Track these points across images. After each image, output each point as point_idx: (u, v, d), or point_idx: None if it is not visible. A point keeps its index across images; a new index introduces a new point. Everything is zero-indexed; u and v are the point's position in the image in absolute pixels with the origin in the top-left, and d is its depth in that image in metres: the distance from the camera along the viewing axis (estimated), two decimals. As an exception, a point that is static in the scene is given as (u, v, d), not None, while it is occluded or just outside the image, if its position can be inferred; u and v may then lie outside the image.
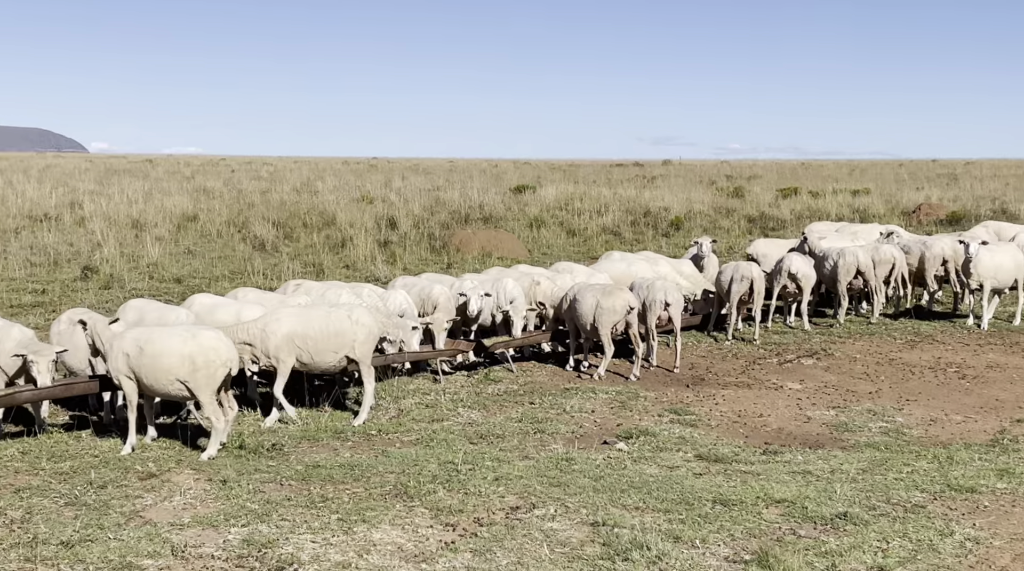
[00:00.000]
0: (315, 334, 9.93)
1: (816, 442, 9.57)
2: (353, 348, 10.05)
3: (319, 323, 10.00)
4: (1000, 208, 31.26)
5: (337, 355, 10.04)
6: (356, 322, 10.10)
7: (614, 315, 12.08)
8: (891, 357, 13.31)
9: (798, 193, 37.81)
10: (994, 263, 14.78)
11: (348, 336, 10.03)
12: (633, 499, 7.67)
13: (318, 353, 9.95)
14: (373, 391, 10.24)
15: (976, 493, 7.81)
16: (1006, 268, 14.89)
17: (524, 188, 40.07)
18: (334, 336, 9.99)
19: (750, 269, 14.27)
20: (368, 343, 10.18)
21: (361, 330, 10.09)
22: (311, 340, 9.92)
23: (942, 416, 10.45)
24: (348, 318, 10.10)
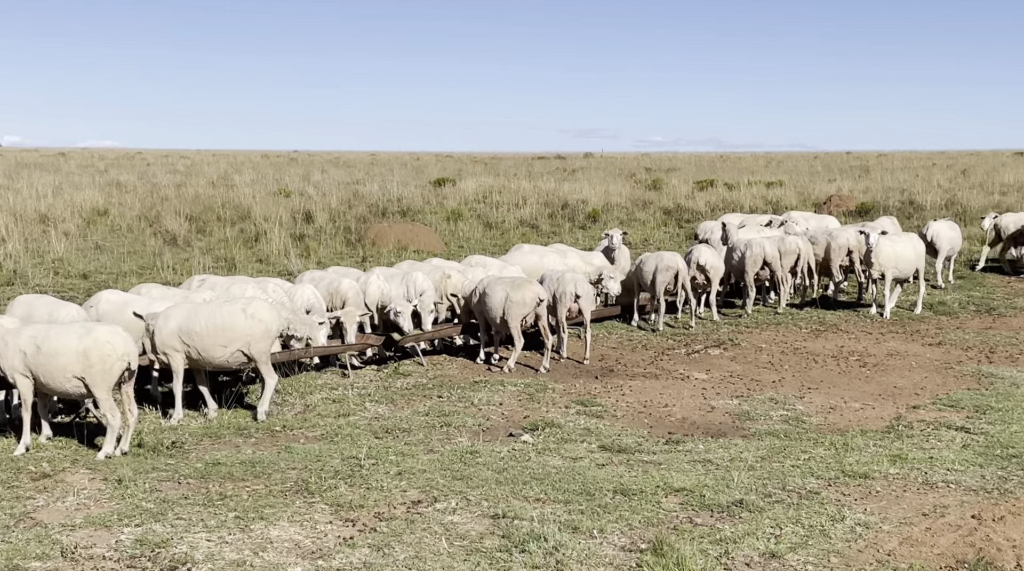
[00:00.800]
0: (201, 329, 9.73)
1: (719, 431, 9.70)
2: (248, 344, 9.83)
3: (206, 318, 9.78)
4: (908, 199, 32.00)
5: (227, 349, 9.82)
6: (251, 317, 9.86)
7: (523, 308, 12.12)
8: (796, 346, 13.56)
9: (714, 185, 38.30)
10: (895, 253, 15.13)
11: (239, 331, 9.80)
12: (535, 491, 7.71)
13: (206, 349, 9.75)
14: (273, 388, 10.08)
15: (869, 479, 7.98)
16: (906, 258, 15.24)
17: (444, 181, 40.00)
18: (222, 331, 9.77)
19: (675, 259, 14.44)
20: (264, 340, 9.93)
21: (257, 326, 9.86)
22: (197, 335, 9.72)
23: (841, 404, 10.67)
24: (242, 313, 9.87)
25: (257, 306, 10.04)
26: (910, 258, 15.30)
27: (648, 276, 14.41)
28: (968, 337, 13.91)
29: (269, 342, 10.02)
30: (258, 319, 9.87)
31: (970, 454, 8.61)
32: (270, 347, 10.07)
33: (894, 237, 15.72)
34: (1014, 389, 10.95)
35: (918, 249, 15.61)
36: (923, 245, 16.02)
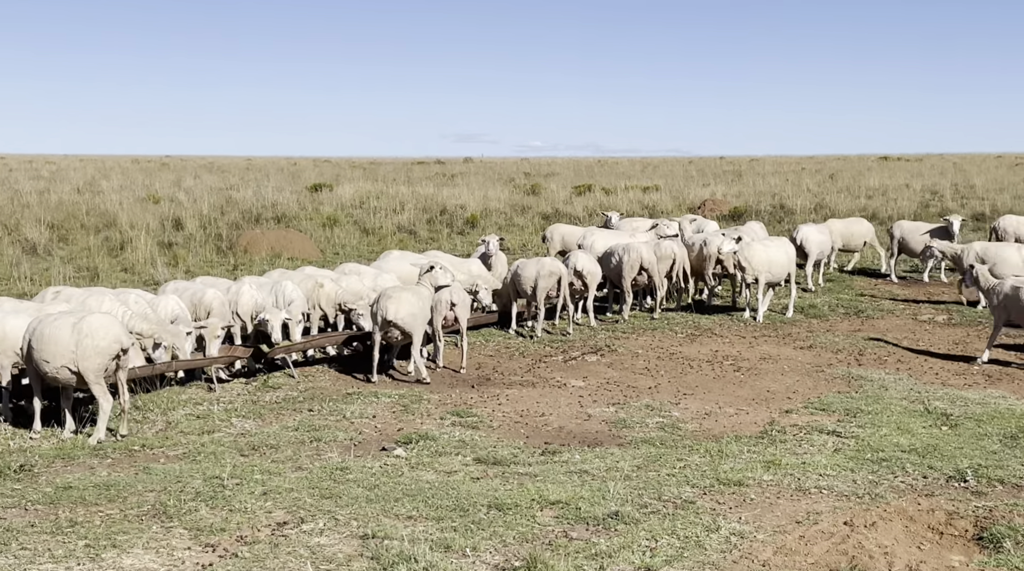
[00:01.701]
0: (32, 343, 9.14)
1: (595, 440, 9.59)
2: (74, 361, 9.03)
3: (39, 331, 9.15)
4: (779, 203, 32.68)
5: (50, 365, 9.06)
6: (80, 332, 9.02)
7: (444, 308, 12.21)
8: (672, 351, 13.58)
9: (592, 190, 38.57)
10: (767, 257, 15.32)
11: (63, 346, 9.00)
12: (407, 508, 7.45)
13: (34, 362, 9.13)
14: (107, 412, 9.29)
15: (743, 486, 7.95)
16: (779, 262, 15.45)
17: (321, 186, 39.35)
18: (48, 344, 9.05)
19: (557, 265, 14.34)
20: (93, 357, 9.04)
21: (86, 341, 9.00)
22: (17, 349, 9.13)
23: (716, 409, 10.68)
24: (70, 328, 9.06)
25: (91, 321, 9.16)
26: (782, 262, 15.51)
27: (529, 282, 14.27)
28: (838, 340, 14.14)
29: (100, 361, 9.12)
30: (85, 334, 9.02)
31: (841, 459, 8.66)
32: (101, 366, 9.17)
33: (767, 242, 15.92)
34: (883, 392, 11.12)
35: (789, 253, 15.84)
36: (794, 249, 16.28)
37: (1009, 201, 32.22)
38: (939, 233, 18.60)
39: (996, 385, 11.49)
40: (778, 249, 15.63)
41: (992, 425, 9.63)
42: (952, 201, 33.46)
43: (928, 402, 10.59)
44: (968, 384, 11.55)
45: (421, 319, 11.90)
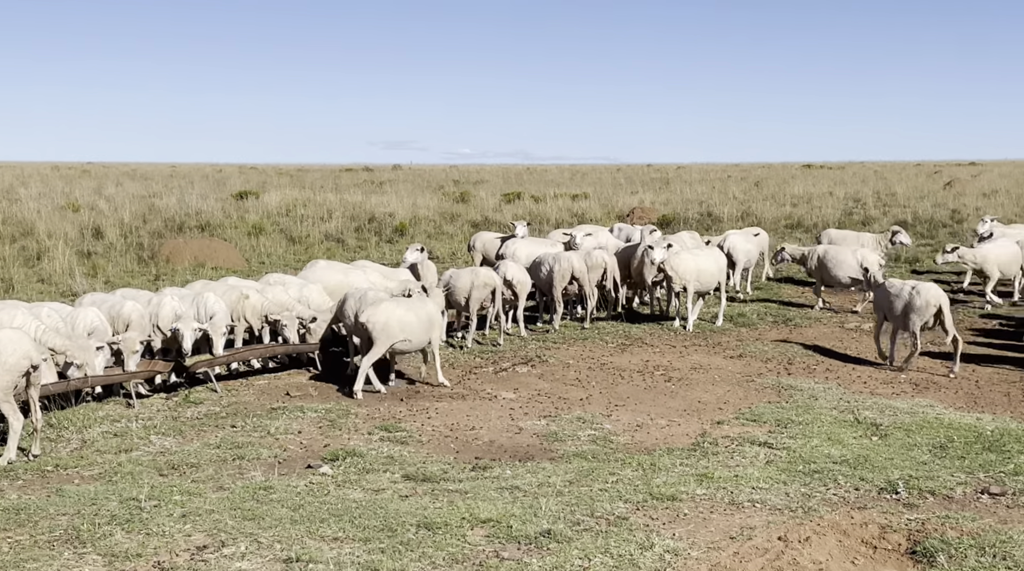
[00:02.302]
0: None
1: (526, 454, 9.42)
2: None
3: None
4: (706, 211, 32.88)
5: None
6: None
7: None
8: (603, 361, 13.48)
9: (521, 198, 38.47)
10: (696, 266, 15.31)
11: None
12: (332, 529, 7.22)
13: None
14: (18, 431, 8.87)
15: (677, 501, 7.84)
16: (708, 271, 15.46)
17: (247, 194, 38.73)
18: None
19: (491, 275, 14.19)
20: (1, 375, 8.62)
21: None
22: None
23: (648, 421, 10.58)
24: None
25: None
26: (711, 271, 15.52)
27: (463, 292, 14.08)
28: (767, 349, 14.16)
29: (8, 378, 8.68)
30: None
31: (774, 471, 8.60)
32: (10, 384, 8.73)
33: (697, 251, 15.93)
34: (812, 401, 11.12)
35: (719, 262, 15.87)
36: (724, 258, 16.31)
37: (929, 208, 32.79)
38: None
39: (923, 394, 11.57)
40: (707, 258, 15.65)
41: (921, 435, 9.66)
42: (875, 208, 33.95)
43: (858, 412, 10.61)
44: (896, 393, 11.62)
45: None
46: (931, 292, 12.57)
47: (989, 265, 17.17)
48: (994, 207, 31.95)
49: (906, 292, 12.84)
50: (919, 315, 12.53)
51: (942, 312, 12.52)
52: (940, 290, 12.73)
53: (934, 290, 12.63)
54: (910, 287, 12.88)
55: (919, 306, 12.58)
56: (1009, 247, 17.49)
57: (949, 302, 12.75)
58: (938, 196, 38.05)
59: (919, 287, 12.79)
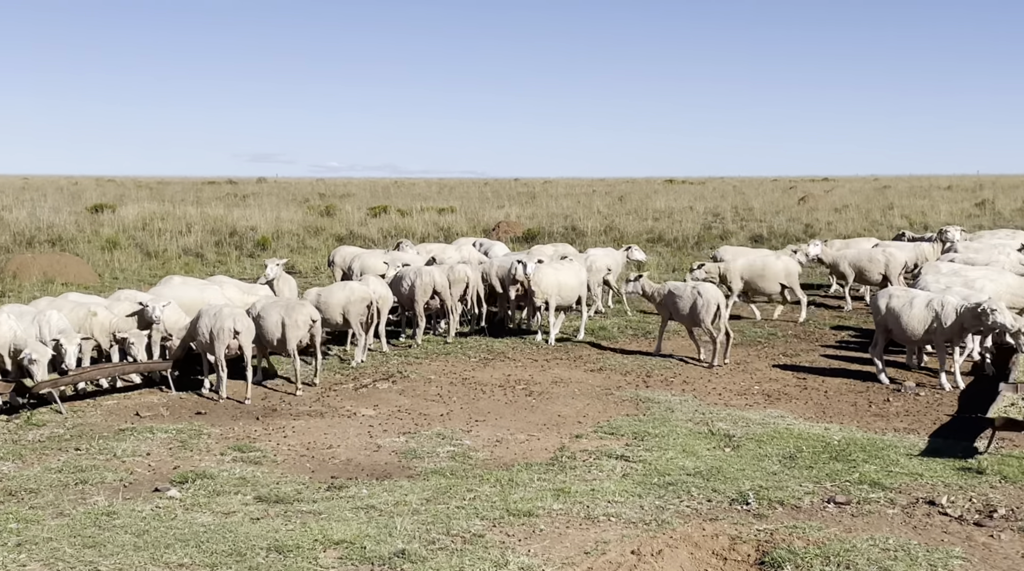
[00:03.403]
0: None
1: (384, 472, 9.28)
2: None
3: None
4: (571, 225, 33.26)
5: None
6: None
7: (298, 330, 12.42)
8: (464, 376, 13.43)
9: (388, 211, 38.28)
10: (557, 281, 15.42)
11: None
12: (178, 555, 6.97)
13: None
14: None
15: (533, 517, 7.81)
16: (569, 285, 15.58)
17: (103, 207, 37.58)
18: None
19: (366, 290, 14.03)
20: None
21: None
22: None
23: (508, 436, 10.56)
24: None
25: None
26: (572, 285, 15.64)
27: (337, 308, 13.84)
28: (627, 362, 14.32)
29: None
30: None
31: (629, 484, 8.66)
32: None
33: (558, 265, 16.03)
34: (669, 414, 11.27)
35: (580, 276, 16.00)
36: (585, 272, 16.45)
37: (784, 222, 33.87)
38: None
39: (775, 405, 11.85)
40: (568, 272, 15.76)
41: (772, 446, 9.87)
42: (732, 223, 34.89)
43: (712, 423, 10.79)
44: (749, 404, 11.87)
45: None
46: (711, 292, 14.04)
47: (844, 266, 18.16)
48: (844, 222, 33.19)
49: (689, 293, 14.16)
50: (706, 312, 13.87)
51: (720, 310, 13.92)
52: (718, 290, 14.26)
53: (713, 290, 14.14)
54: (691, 288, 14.24)
55: (702, 305, 13.88)
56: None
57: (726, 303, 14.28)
58: (792, 211, 39.33)
59: (700, 288, 14.18)
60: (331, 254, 19.88)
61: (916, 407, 11.58)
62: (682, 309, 14.19)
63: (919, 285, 14.03)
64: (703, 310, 13.88)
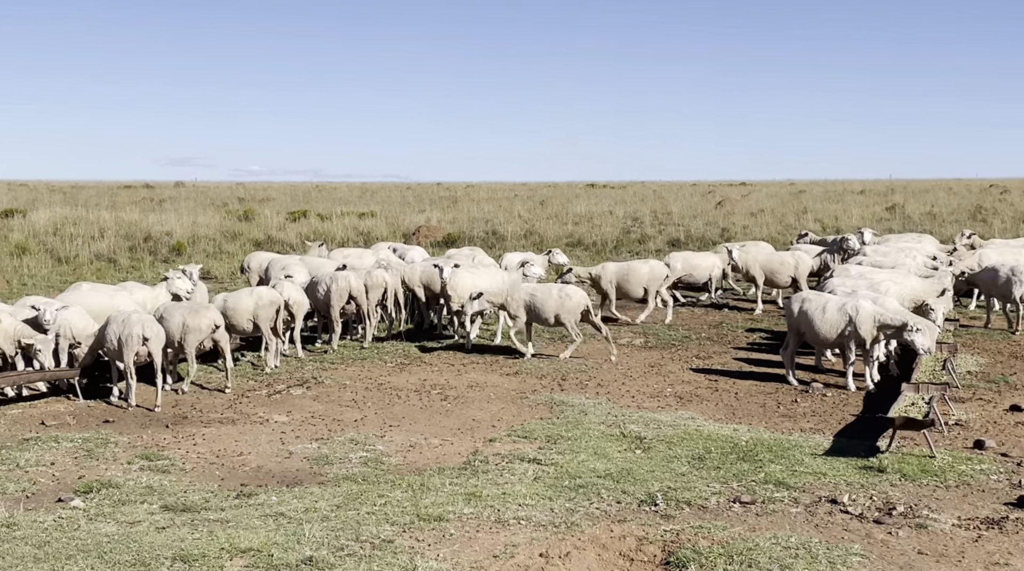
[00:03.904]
0: None
1: (295, 479, 9.22)
2: None
3: None
4: (491, 229, 33.32)
5: None
6: None
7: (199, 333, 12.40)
8: (380, 382, 13.38)
9: (307, 216, 37.97)
10: (474, 285, 15.44)
11: None
12: (80, 566, 6.85)
13: None
14: None
15: (444, 521, 7.82)
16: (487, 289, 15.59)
17: (13, 212, 36.67)
18: None
19: (275, 295, 13.93)
20: None
21: None
22: None
23: (422, 441, 10.55)
24: None
25: None
26: (488, 289, 15.66)
27: (245, 314, 13.68)
28: (543, 365, 14.39)
29: None
30: None
31: (541, 487, 8.72)
32: None
33: (474, 269, 16.06)
34: (583, 417, 11.36)
35: (497, 280, 16.05)
36: (503, 275, 16.50)
37: (702, 226, 34.32)
38: None
39: (686, 406, 12.01)
40: (485, 276, 15.80)
41: (682, 447, 10.01)
42: (651, 227, 35.25)
43: (624, 426, 10.90)
44: (661, 406, 12.01)
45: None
46: (578, 294, 14.67)
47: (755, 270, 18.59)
48: (759, 226, 33.73)
49: (555, 294, 14.63)
50: (572, 314, 14.44)
51: (588, 311, 14.64)
52: (583, 293, 14.90)
53: (580, 293, 14.75)
54: (558, 289, 14.78)
55: (571, 307, 14.47)
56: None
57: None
58: (710, 215, 39.87)
59: (567, 290, 14.76)
60: (245, 260, 19.65)
61: (823, 408, 11.84)
62: (547, 310, 14.60)
63: (827, 288, 14.31)
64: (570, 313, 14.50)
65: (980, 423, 10.95)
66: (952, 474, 8.99)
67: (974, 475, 8.99)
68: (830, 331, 12.54)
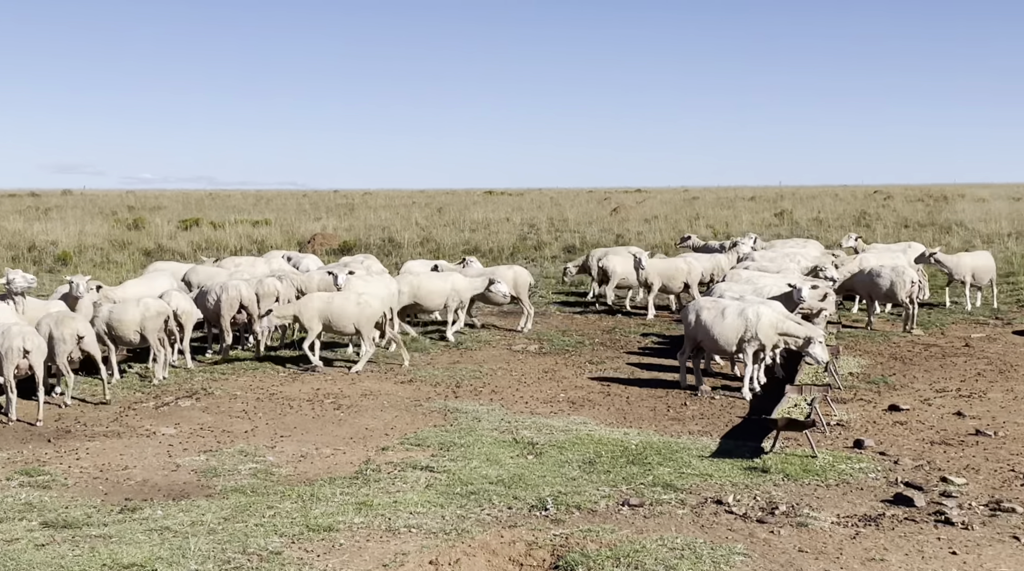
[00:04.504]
0: None
1: (182, 492, 9.05)
2: None
3: None
4: (388, 237, 33.18)
5: None
6: None
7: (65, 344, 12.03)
8: (272, 392, 13.22)
9: (200, 224, 37.34)
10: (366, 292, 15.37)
11: None
12: (-47, 588, 6.62)
13: None
14: None
15: (334, 531, 7.77)
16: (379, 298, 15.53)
17: None
18: None
19: (162, 305, 13.64)
20: None
21: None
22: None
23: (313, 451, 10.46)
24: None
25: None
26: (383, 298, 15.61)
27: (131, 325, 13.37)
28: (437, 373, 14.39)
29: None
30: None
31: (432, 494, 8.72)
32: None
33: (369, 278, 15.98)
34: (476, 423, 11.39)
35: (391, 289, 16.00)
36: (395, 284, 16.45)
37: (597, 233, 34.70)
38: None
39: (579, 411, 12.14)
40: (378, 285, 15.74)
41: (573, 451, 10.11)
42: (547, 234, 35.51)
43: (517, 432, 10.97)
44: (554, 412, 12.12)
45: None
46: (376, 301, 14.56)
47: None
48: (653, 232, 34.26)
49: (353, 302, 14.38)
50: (368, 321, 14.38)
51: (385, 316, 14.59)
52: (381, 301, 14.81)
53: (378, 301, 14.63)
54: (356, 295, 14.56)
55: (369, 314, 14.29)
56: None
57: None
58: (605, 221, 40.34)
59: (366, 298, 14.51)
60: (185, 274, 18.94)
61: (711, 410, 12.08)
62: (345, 317, 14.44)
63: (715, 293, 14.59)
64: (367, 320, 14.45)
65: (860, 423, 11.31)
66: (832, 473, 9.27)
67: (853, 474, 9.28)
68: (731, 337, 12.49)
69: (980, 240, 29.97)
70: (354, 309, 14.28)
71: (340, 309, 14.33)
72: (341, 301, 14.43)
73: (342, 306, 14.35)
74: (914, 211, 43.26)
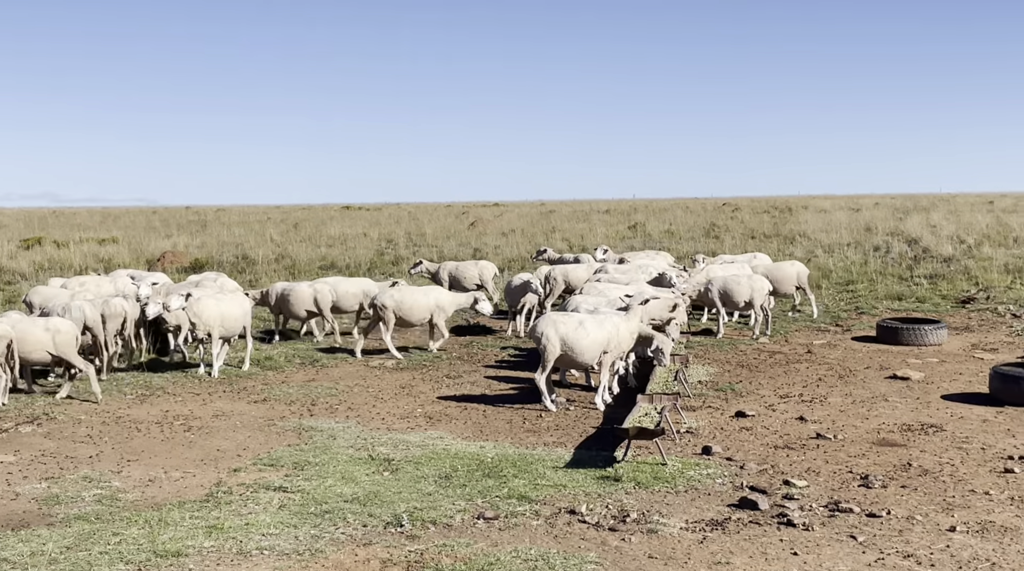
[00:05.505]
0: None
1: (21, 521, 8.69)
2: None
3: None
4: (242, 254, 32.59)
5: None
6: None
7: None
8: (119, 415, 12.82)
9: (42, 244, 36.00)
10: (219, 312, 15.08)
11: None
12: None
13: None
14: None
15: (183, 556, 7.58)
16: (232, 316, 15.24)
17: None
18: None
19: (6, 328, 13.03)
20: None
21: None
22: None
23: (162, 474, 10.17)
24: None
25: None
26: (236, 316, 15.36)
27: None
28: (292, 391, 14.19)
29: None
30: None
31: (286, 515, 8.59)
32: None
33: (219, 296, 15.67)
34: (331, 441, 11.28)
35: (244, 307, 15.73)
36: (249, 302, 16.18)
37: (455, 247, 34.83)
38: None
39: (436, 426, 12.14)
40: (231, 303, 15.46)
41: (429, 466, 10.11)
42: (406, 248, 35.45)
43: (373, 448, 10.90)
44: (411, 427, 12.09)
45: None
46: (67, 325, 13.81)
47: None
48: (510, 245, 34.55)
49: (41, 326, 13.65)
50: (224, 326, 15.12)
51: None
52: (72, 327, 13.91)
53: (69, 325, 13.84)
54: (43, 322, 13.78)
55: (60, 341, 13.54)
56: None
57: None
58: (463, 235, 40.53)
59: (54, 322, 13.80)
60: (27, 295, 17.98)
61: (566, 421, 12.24)
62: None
63: (571, 305, 14.79)
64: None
65: (709, 430, 11.63)
66: (682, 480, 9.51)
67: (701, 479, 9.55)
68: (595, 349, 12.40)
69: (822, 250, 31.21)
70: (308, 295, 14.05)
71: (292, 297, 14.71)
72: (293, 287, 14.24)
73: (296, 291, 14.29)
74: (760, 222, 44.79)
